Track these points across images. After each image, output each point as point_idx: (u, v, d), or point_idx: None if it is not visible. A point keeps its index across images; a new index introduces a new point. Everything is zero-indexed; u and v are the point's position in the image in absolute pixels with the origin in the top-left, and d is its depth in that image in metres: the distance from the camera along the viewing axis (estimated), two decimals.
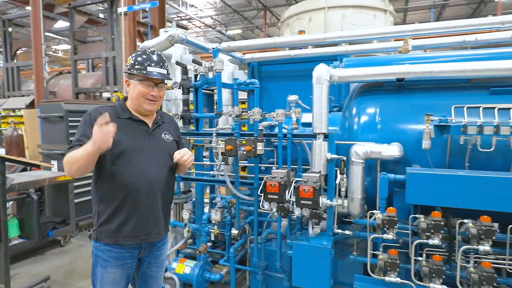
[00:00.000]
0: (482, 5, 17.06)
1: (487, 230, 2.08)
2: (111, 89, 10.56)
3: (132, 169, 1.95)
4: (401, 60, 2.69)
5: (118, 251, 2.00)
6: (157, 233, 2.08)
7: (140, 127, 2.04)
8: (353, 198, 2.58)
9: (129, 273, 2.10)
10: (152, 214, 2.03)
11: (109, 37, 10.69)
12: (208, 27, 24.15)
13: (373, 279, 2.43)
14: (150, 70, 1.96)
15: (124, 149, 1.94)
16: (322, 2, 8.74)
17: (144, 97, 1.99)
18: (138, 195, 1.95)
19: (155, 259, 2.20)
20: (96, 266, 2.04)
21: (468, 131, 2.27)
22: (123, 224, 1.96)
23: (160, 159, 2.06)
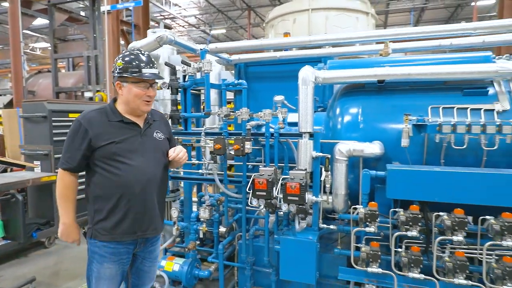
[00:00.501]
0: (459, 8, 17.72)
1: (460, 221, 2.23)
2: (93, 88, 10.41)
3: (127, 169, 2.00)
4: (382, 63, 2.83)
5: (115, 247, 2.06)
6: (154, 229, 2.16)
7: (132, 128, 2.09)
8: (337, 194, 2.71)
9: (124, 269, 2.16)
10: (148, 211, 2.09)
11: (91, 36, 10.52)
12: (192, 27, 24.00)
13: (357, 271, 2.56)
14: (145, 71, 2.00)
15: (117, 151, 2.00)
16: (306, 4, 8.90)
17: (141, 99, 2.04)
18: (134, 193, 2.01)
19: (149, 254, 2.26)
20: (92, 262, 2.09)
21: (443, 130, 2.43)
22: (120, 222, 2.02)
23: (154, 158, 2.12)
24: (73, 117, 5.61)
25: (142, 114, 2.14)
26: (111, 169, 2.00)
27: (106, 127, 2.03)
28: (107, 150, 1.99)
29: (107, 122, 2.05)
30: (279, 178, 2.70)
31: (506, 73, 2.43)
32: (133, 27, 10.24)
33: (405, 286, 2.46)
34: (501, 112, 2.50)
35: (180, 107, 3.43)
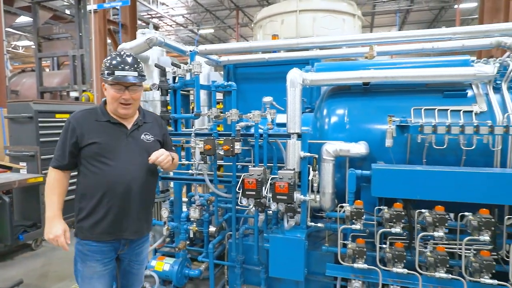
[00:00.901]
0: (443, 11, 18.17)
1: (441, 218, 2.34)
2: (79, 88, 10.26)
3: (110, 170, 2.02)
4: (367, 66, 2.93)
5: (97, 245, 2.07)
6: (134, 232, 2.14)
7: (118, 129, 2.10)
8: (325, 193, 2.79)
9: (110, 267, 2.15)
10: (129, 213, 2.08)
11: (76, 35, 10.35)
12: (179, 26, 23.86)
13: (343, 267, 2.65)
14: (118, 73, 1.99)
15: (101, 151, 2.02)
16: (294, 6, 9.00)
17: (117, 101, 2.05)
18: (115, 194, 2.02)
19: (136, 256, 2.26)
20: (77, 261, 2.11)
21: (424, 131, 2.53)
22: (99, 221, 2.04)
23: (138, 160, 2.10)
24: (60, 118, 5.56)
25: (125, 117, 2.13)
26: (93, 168, 2.03)
27: (92, 127, 2.06)
28: (90, 150, 2.03)
29: (95, 122, 2.08)
30: (268, 178, 2.77)
31: (483, 76, 2.56)
32: (120, 27, 10.16)
33: (390, 280, 2.56)
34: (478, 113, 2.63)
35: (169, 108, 3.46)
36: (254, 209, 3.10)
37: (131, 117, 2.16)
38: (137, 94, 2.12)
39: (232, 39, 26.19)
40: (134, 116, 2.18)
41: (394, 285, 2.54)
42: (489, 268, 2.26)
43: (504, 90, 2.67)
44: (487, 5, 7.37)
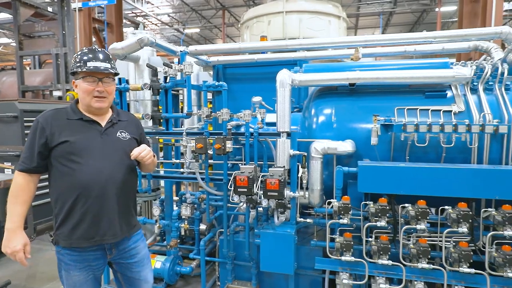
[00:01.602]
0: (424, 13, 18.69)
1: (423, 211, 2.48)
2: (63, 87, 10.07)
3: (83, 169, 1.90)
4: (353, 67, 3.06)
5: (79, 254, 1.95)
6: (112, 235, 1.99)
7: (92, 127, 1.99)
8: (313, 189, 2.90)
9: (96, 275, 2.05)
10: (106, 214, 1.95)
11: (59, 33, 10.13)
12: (165, 25, 23.65)
13: (332, 260, 2.77)
14: (90, 64, 1.91)
15: (74, 150, 1.90)
16: (281, 7, 9.12)
17: (91, 95, 1.94)
18: (89, 196, 1.90)
19: (132, 258, 2.14)
20: (60, 270, 2.00)
21: (407, 129, 2.67)
22: (76, 226, 1.92)
23: (115, 159, 2.00)
24: None
25: (101, 113, 2.04)
26: (65, 169, 1.90)
27: (63, 126, 1.94)
28: (62, 149, 1.90)
29: (66, 120, 1.96)
30: (258, 176, 2.85)
31: (461, 78, 2.72)
32: (106, 25, 10.04)
33: (375, 272, 2.68)
34: (457, 113, 2.79)
35: (160, 107, 3.49)
36: (244, 206, 3.19)
37: (104, 114, 2.06)
38: (111, 88, 2.03)
39: (218, 39, 26.15)
40: (107, 113, 2.09)
41: (379, 277, 2.67)
42: (467, 258, 2.41)
43: (480, 91, 2.84)
44: (466, 9, 7.67)
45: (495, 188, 2.39)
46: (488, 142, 2.69)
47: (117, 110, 2.19)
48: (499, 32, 3.08)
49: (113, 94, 2.07)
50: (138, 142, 2.17)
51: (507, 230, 2.36)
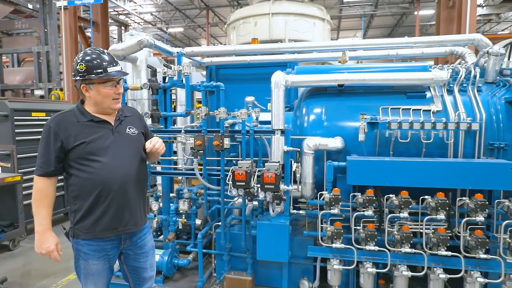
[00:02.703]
0: (404, 16, 19.37)
1: (406, 201, 2.74)
2: (45, 86, 9.92)
3: (102, 167, 2.01)
4: (342, 69, 3.29)
5: (98, 244, 2.09)
6: (134, 224, 2.16)
7: (103, 126, 2.09)
8: (306, 183, 3.12)
9: (111, 263, 2.19)
10: (127, 206, 2.10)
11: (41, 30, 9.93)
12: (148, 24, 23.44)
13: (323, 248, 2.99)
14: (110, 70, 2.01)
15: (91, 150, 2.01)
16: (267, 9, 9.33)
17: (110, 98, 2.06)
18: (110, 190, 2.02)
19: (140, 249, 2.26)
20: (78, 259, 2.12)
21: (391, 127, 2.93)
22: (99, 219, 2.04)
23: (129, 154, 2.13)
24: (36, 116, 5.50)
25: (113, 112, 2.15)
26: (86, 168, 2.01)
27: (76, 128, 2.03)
28: (79, 151, 2.00)
29: (77, 123, 2.05)
30: (254, 171, 3.04)
31: (439, 80, 3.00)
32: (92, 24, 9.98)
33: (363, 258, 2.93)
34: (435, 112, 3.07)
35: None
36: (239, 201, 3.38)
37: (112, 113, 2.17)
38: (122, 88, 2.18)
39: (202, 38, 26.13)
40: (114, 112, 2.18)
41: (367, 262, 2.91)
42: (445, 242, 2.69)
43: (455, 92, 3.13)
44: (443, 15, 8.12)
45: (469, 179, 2.68)
46: (462, 138, 2.98)
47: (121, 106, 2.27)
48: (472, 39, 3.40)
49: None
50: (144, 135, 2.31)
51: (479, 216, 2.65)
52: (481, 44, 3.42)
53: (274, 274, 3.39)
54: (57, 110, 5.75)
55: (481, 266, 2.73)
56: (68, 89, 9.25)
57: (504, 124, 2.98)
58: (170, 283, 3.63)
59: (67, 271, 4.31)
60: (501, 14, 17.96)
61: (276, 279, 3.35)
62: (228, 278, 3.45)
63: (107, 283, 2.24)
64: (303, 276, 3.32)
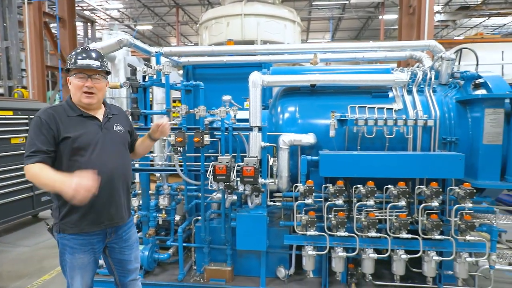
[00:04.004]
0: (370, 20, 20.28)
1: (371, 190, 3.04)
2: (5, 83, 9.46)
3: (91, 162, 2.06)
4: (314, 71, 3.55)
5: (84, 238, 2.14)
6: (120, 218, 2.25)
7: (92, 122, 2.15)
8: (282, 176, 3.34)
9: (97, 257, 2.25)
10: (113, 201, 2.18)
11: (0, 25, 9.42)
12: (115, 21, 22.79)
13: (298, 236, 3.23)
14: (81, 62, 2.06)
15: (80, 145, 2.05)
16: (239, 9, 9.50)
17: (80, 90, 2.08)
18: (99, 185, 2.01)
19: (125, 242, 2.34)
20: (64, 253, 2.16)
21: (358, 123, 3.22)
22: (86, 214, 2.09)
23: (116, 150, 2.21)
24: (2, 115, 5.32)
25: (93, 108, 2.17)
26: (72, 163, 2.04)
27: (66, 122, 2.06)
28: (67, 144, 2.03)
29: (67, 117, 2.08)
30: (233, 166, 3.22)
31: (399, 81, 3.33)
32: (58, 20, 9.66)
33: (335, 244, 3.19)
34: (397, 110, 3.40)
35: None
36: (219, 195, 3.55)
37: (99, 109, 2.22)
38: (101, 85, 2.16)
39: (172, 37, 25.81)
40: (102, 109, 2.24)
41: (338, 247, 3.18)
42: (406, 226, 3.01)
43: (414, 92, 3.48)
44: (404, 21, 8.70)
45: (425, 170, 3.02)
46: (420, 134, 3.33)
47: (109, 104, 2.37)
48: (428, 45, 3.78)
49: (103, 90, 2.20)
50: (130, 133, 2.41)
51: (434, 202, 2.99)
52: (436, 50, 3.81)
53: (252, 264, 3.58)
54: (25, 109, 5.61)
55: (436, 246, 3.09)
56: (33, 87, 8.92)
57: (455, 121, 3.36)
58: (150, 278, 3.71)
59: (41, 271, 4.27)
60: (457, 21, 19.33)
61: (254, 268, 3.55)
62: (208, 270, 3.60)
63: (92, 276, 2.30)
64: (279, 264, 3.55)
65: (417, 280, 3.33)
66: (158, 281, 3.66)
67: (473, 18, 19.28)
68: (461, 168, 2.95)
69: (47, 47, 12.25)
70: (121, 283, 2.46)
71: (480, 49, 8.71)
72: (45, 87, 9.33)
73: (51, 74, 12.48)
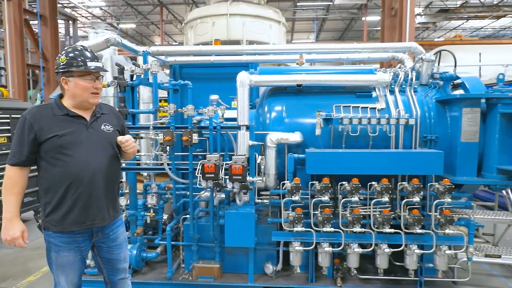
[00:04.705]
0: (353, 21, 20.63)
1: (356, 187, 3.14)
2: None
3: (74, 161, 2.08)
4: (300, 71, 3.63)
5: (69, 236, 2.15)
6: (102, 219, 2.22)
7: (78, 121, 2.16)
8: (269, 174, 3.41)
9: (84, 255, 2.26)
10: (95, 201, 2.17)
11: None
12: (97, 19, 22.36)
13: (285, 232, 3.31)
14: (90, 64, 2.11)
15: (64, 144, 2.07)
16: (224, 9, 9.53)
17: (88, 91, 2.13)
18: (79, 185, 2.09)
19: (113, 241, 2.34)
20: (50, 251, 2.19)
21: (343, 122, 3.32)
22: (68, 213, 2.11)
23: (101, 150, 2.20)
24: None
25: (90, 107, 2.22)
26: (56, 162, 2.07)
27: (51, 121, 2.08)
28: (52, 143, 2.05)
29: (53, 116, 2.10)
30: (222, 164, 3.26)
31: (382, 82, 3.45)
32: (39, 17, 9.44)
33: (321, 239, 3.28)
34: (380, 109, 3.52)
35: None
36: (207, 193, 3.58)
37: (89, 109, 2.23)
38: (101, 84, 2.26)
39: (156, 36, 25.53)
40: (92, 108, 2.25)
41: (324, 242, 3.27)
42: (389, 221, 3.13)
43: (396, 92, 3.61)
44: (386, 22, 8.93)
45: (407, 167, 3.15)
46: (402, 132, 3.45)
47: (100, 103, 2.34)
48: (409, 47, 3.92)
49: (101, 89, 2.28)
50: (120, 133, 2.39)
51: (415, 198, 3.12)
52: (417, 51, 3.96)
53: (241, 261, 3.64)
54: (5, 108, 5.47)
55: (418, 240, 3.22)
56: (13, 86, 8.69)
57: (435, 120, 3.51)
58: (139, 277, 3.72)
59: (26, 273, 4.21)
60: (437, 23, 19.92)
61: (243, 265, 3.61)
62: (197, 267, 3.64)
63: (80, 274, 2.30)
64: (267, 261, 3.61)
65: (400, 273, 3.46)
66: (146, 279, 3.67)
67: (452, 21, 19.92)
68: (440, 165, 3.09)
69: (27, 45, 11.94)
70: (111, 281, 2.48)
71: (459, 50, 9.06)
72: (26, 86, 9.11)
73: (32, 73, 12.18)
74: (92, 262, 3.55)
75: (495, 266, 4.17)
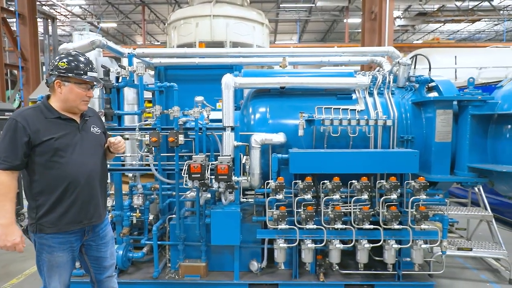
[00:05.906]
0: (335, 23, 21.02)
1: (337, 185, 3.28)
2: None
3: (70, 163, 2.14)
4: (283, 74, 3.74)
5: (64, 237, 2.20)
6: (98, 216, 2.34)
7: (70, 124, 2.21)
8: (254, 174, 3.50)
9: (74, 255, 2.31)
10: (92, 200, 2.27)
11: None
12: (76, 17, 21.91)
13: (270, 230, 3.41)
14: (90, 74, 2.19)
15: (58, 146, 2.11)
16: (208, 10, 9.56)
17: (81, 99, 2.20)
18: (77, 185, 2.16)
19: (101, 239, 2.42)
20: (41, 253, 2.20)
21: (325, 123, 3.45)
22: (65, 213, 2.16)
23: (94, 151, 2.31)
24: None
25: (78, 112, 2.27)
26: (53, 164, 2.10)
27: (44, 124, 2.10)
28: (48, 146, 2.08)
29: (44, 119, 2.12)
30: (208, 164, 3.34)
31: (362, 84, 3.61)
32: (17, 16, 9.22)
33: (304, 236, 3.40)
34: (359, 111, 3.67)
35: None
36: (192, 193, 3.65)
37: (77, 113, 2.27)
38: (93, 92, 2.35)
39: (138, 35, 25.23)
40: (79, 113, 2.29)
41: (307, 239, 3.39)
42: (368, 217, 3.28)
43: (375, 95, 3.77)
44: (367, 25, 9.19)
45: (385, 165, 3.31)
46: (380, 133, 3.62)
47: None
48: (387, 51, 4.10)
49: None
50: (105, 134, 2.48)
51: (393, 195, 3.28)
52: (394, 55, 4.14)
53: (226, 259, 3.71)
54: None
55: (395, 235, 3.38)
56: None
57: (411, 121, 3.69)
58: (125, 277, 3.74)
59: (9, 276, 4.16)
60: (416, 26, 20.54)
61: (228, 263, 3.69)
62: (183, 266, 3.69)
63: (70, 276, 2.35)
64: (252, 258, 3.70)
65: (379, 268, 3.62)
66: (133, 279, 3.70)
67: (430, 24, 20.59)
68: (416, 164, 3.26)
69: (5, 44, 11.62)
70: (97, 280, 2.52)
71: (436, 53, 9.41)
72: (4, 86, 8.89)
73: (9, 73, 11.84)
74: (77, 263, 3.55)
75: (468, 260, 4.41)
